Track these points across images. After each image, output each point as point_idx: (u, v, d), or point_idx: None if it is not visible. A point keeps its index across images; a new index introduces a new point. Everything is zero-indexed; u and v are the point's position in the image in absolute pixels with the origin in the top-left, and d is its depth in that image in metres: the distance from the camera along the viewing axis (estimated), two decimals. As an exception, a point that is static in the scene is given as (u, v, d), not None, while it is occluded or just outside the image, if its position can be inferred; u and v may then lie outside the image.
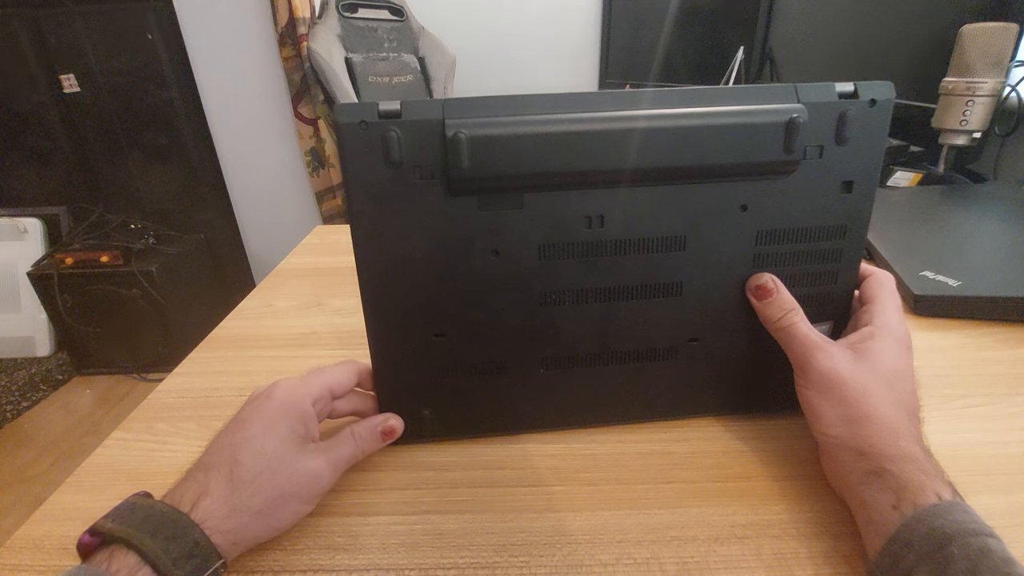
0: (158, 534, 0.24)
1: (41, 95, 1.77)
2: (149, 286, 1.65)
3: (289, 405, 0.30)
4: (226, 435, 0.29)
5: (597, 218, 0.30)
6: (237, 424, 0.29)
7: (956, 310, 0.47)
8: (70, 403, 1.71)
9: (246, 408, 0.30)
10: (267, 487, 0.27)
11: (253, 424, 0.29)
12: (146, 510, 0.25)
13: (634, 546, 0.28)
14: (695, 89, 0.29)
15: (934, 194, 0.72)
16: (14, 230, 1.83)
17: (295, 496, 0.28)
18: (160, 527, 0.24)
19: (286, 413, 0.29)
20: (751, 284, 0.33)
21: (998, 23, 0.69)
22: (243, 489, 0.26)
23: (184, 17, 1.78)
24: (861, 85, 0.30)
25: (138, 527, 0.24)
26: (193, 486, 0.26)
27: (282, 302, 0.57)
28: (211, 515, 0.25)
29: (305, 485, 0.29)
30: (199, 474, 0.27)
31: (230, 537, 0.26)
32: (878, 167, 0.31)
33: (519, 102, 0.28)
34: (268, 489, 0.27)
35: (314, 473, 0.29)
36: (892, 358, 0.30)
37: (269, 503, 0.27)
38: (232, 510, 0.26)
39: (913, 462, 0.26)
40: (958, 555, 0.22)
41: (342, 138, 0.28)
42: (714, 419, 0.37)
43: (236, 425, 0.29)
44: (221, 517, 0.25)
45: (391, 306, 0.32)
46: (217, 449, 0.28)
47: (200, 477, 0.26)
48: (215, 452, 0.28)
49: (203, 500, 0.25)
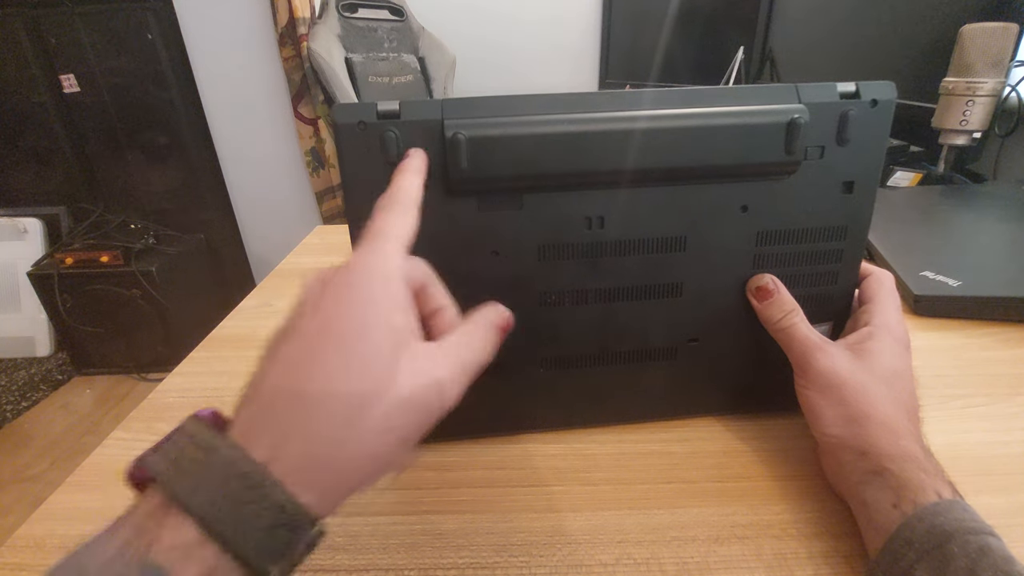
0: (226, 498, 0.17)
1: (41, 95, 1.77)
2: (149, 286, 1.65)
3: (378, 290, 0.21)
4: (297, 344, 0.20)
5: (597, 219, 0.30)
6: (316, 329, 0.20)
7: (956, 310, 0.47)
8: (70, 403, 1.71)
9: (320, 300, 0.21)
10: (369, 422, 0.19)
11: (335, 332, 0.20)
12: (215, 467, 0.18)
13: (634, 546, 0.28)
14: (695, 89, 0.29)
15: (934, 194, 0.72)
16: (14, 230, 1.83)
17: (402, 429, 0.20)
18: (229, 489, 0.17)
19: (383, 305, 0.21)
20: (751, 285, 0.33)
21: (998, 23, 0.69)
22: (332, 427, 0.19)
23: (184, 17, 1.78)
24: (863, 85, 0.30)
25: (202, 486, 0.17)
26: (267, 426, 0.19)
27: (282, 302, 0.57)
28: (294, 471, 0.18)
29: (415, 413, 0.20)
30: (275, 404, 0.19)
31: (322, 495, 0.19)
32: (879, 167, 0.31)
33: (518, 102, 0.28)
34: (370, 424, 0.19)
35: (427, 391, 0.20)
36: (891, 358, 0.30)
37: (369, 443, 0.19)
38: (321, 457, 0.19)
39: (913, 461, 0.26)
40: (958, 553, 0.22)
41: (340, 138, 0.28)
42: (714, 419, 0.37)
43: (310, 329, 0.20)
44: (309, 469, 0.18)
45: (391, 306, 0.32)
46: (287, 368, 0.19)
47: (273, 409, 0.19)
48: (286, 373, 0.19)
49: (284, 451, 0.18)
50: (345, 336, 0.20)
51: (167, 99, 1.79)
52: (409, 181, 0.26)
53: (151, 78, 1.76)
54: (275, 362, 0.20)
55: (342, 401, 0.19)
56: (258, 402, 0.19)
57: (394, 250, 0.22)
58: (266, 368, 0.20)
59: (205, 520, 0.17)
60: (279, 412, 0.19)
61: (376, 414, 0.19)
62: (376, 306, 0.20)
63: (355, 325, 0.20)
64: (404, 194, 0.25)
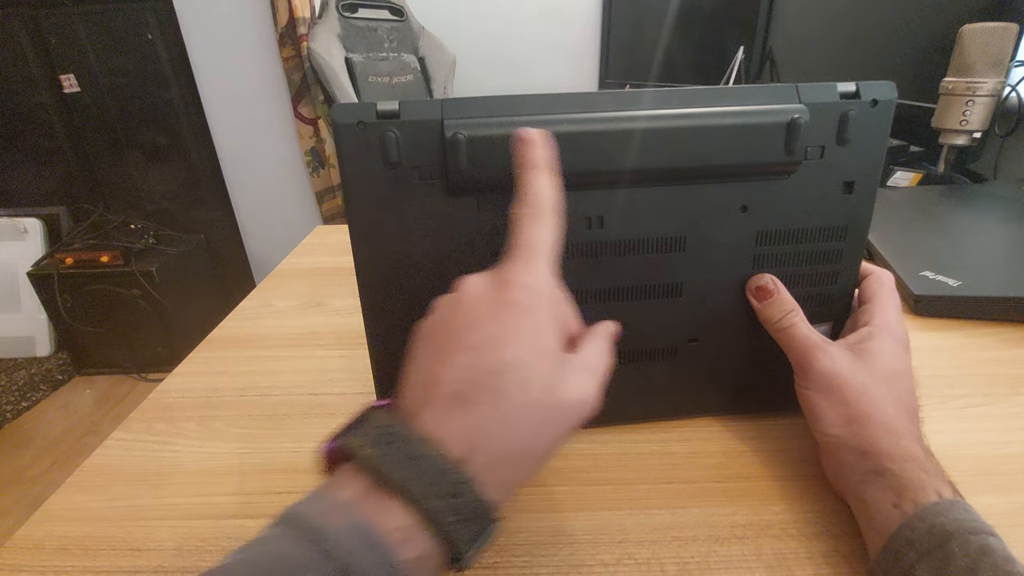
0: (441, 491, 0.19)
1: (41, 95, 1.77)
2: (149, 286, 1.65)
3: (541, 305, 0.23)
4: (474, 354, 0.22)
5: (597, 219, 0.30)
6: (486, 338, 0.22)
7: (956, 310, 0.47)
8: (70, 403, 1.71)
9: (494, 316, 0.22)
10: (543, 428, 0.22)
11: (513, 341, 0.22)
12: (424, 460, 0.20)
13: (635, 546, 0.28)
14: (695, 89, 0.29)
15: (934, 194, 0.72)
16: (14, 230, 1.83)
17: (563, 434, 0.23)
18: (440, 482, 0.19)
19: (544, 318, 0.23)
20: (751, 285, 0.33)
21: (998, 23, 0.68)
22: (516, 432, 0.21)
23: (184, 17, 1.78)
24: (863, 85, 0.30)
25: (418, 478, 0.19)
26: (463, 424, 0.21)
27: (282, 302, 0.57)
28: (486, 468, 0.20)
29: (574, 419, 0.23)
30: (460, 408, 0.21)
31: (501, 491, 0.21)
32: (879, 167, 0.31)
33: (518, 102, 0.28)
34: (545, 430, 0.22)
35: (584, 400, 0.23)
36: (891, 358, 0.30)
37: (539, 446, 0.22)
38: (506, 460, 0.21)
39: (914, 461, 0.26)
40: (958, 552, 0.22)
41: (340, 139, 0.28)
42: (714, 419, 0.37)
43: (485, 341, 0.22)
44: (495, 470, 0.21)
45: (390, 307, 0.32)
46: (470, 375, 0.21)
47: (465, 412, 0.21)
48: (468, 380, 0.21)
49: (479, 449, 0.20)
50: (520, 358, 0.22)
51: (167, 99, 1.80)
52: (543, 183, 0.25)
53: (151, 78, 1.77)
54: (450, 368, 0.22)
55: (531, 413, 0.21)
56: (441, 404, 0.21)
57: (551, 269, 0.24)
58: (438, 372, 0.22)
59: (424, 509, 0.19)
60: (470, 417, 0.21)
61: (553, 425, 0.22)
62: (549, 332, 0.23)
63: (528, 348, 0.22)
64: (544, 201, 0.25)
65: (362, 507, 0.19)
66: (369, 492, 0.19)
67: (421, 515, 0.19)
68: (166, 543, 0.29)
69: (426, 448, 0.20)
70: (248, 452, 0.36)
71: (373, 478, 0.19)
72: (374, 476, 0.19)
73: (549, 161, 0.26)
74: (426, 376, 0.22)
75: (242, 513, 0.31)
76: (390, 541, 0.18)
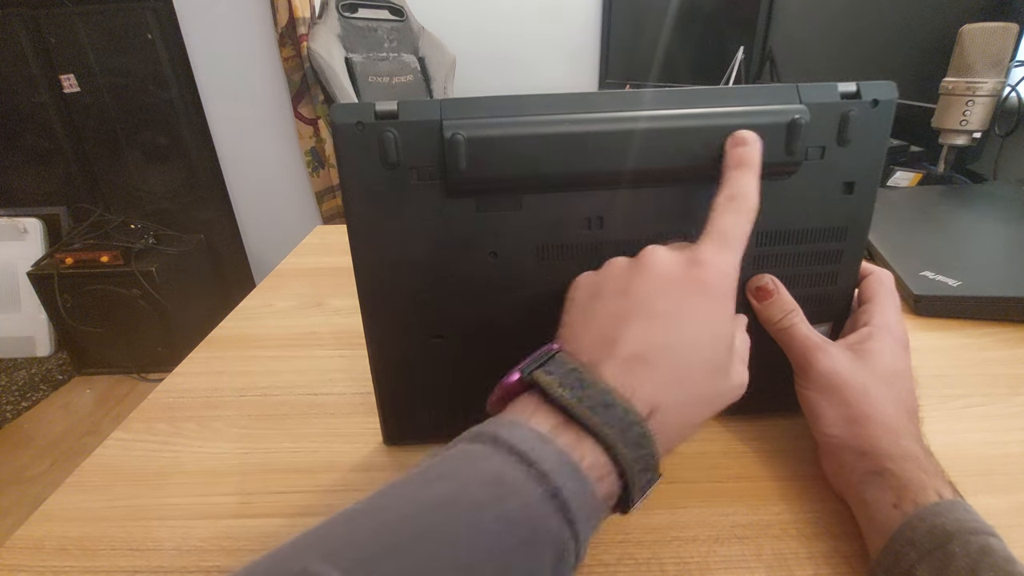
0: (628, 440, 0.21)
1: (41, 95, 1.77)
2: (149, 286, 1.65)
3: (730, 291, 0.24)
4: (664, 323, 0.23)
5: (597, 219, 0.30)
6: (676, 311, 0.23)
7: (956, 310, 0.47)
8: (70, 403, 1.71)
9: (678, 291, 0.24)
10: (707, 406, 0.24)
11: (702, 320, 0.24)
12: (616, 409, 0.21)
13: (635, 546, 0.28)
14: (695, 89, 0.29)
15: (934, 194, 0.72)
16: (14, 230, 1.83)
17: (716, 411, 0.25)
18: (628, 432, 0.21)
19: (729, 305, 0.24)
20: (751, 285, 0.33)
21: (998, 23, 0.68)
22: (688, 404, 0.23)
23: (184, 17, 1.78)
24: (863, 85, 0.29)
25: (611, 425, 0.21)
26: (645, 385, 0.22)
27: (282, 302, 0.57)
28: (659, 430, 0.22)
29: (729, 400, 0.25)
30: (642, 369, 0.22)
31: (664, 453, 0.23)
32: (880, 168, 0.31)
33: (518, 103, 0.28)
34: (708, 408, 0.24)
35: (741, 385, 0.26)
36: (891, 358, 0.30)
37: (698, 419, 0.24)
38: (674, 428, 0.23)
39: (914, 461, 0.26)
40: (959, 553, 0.22)
41: (338, 139, 0.28)
42: (715, 419, 0.37)
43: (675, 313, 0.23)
44: (665, 434, 0.22)
45: (389, 308, 0.32)
46: (657, 342, 0.23)
47: (648, 374, 0.22)
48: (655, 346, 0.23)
49: (658, 412, 0.22)
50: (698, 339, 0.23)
51: (167, 99, 1.80)
52: (751, 183, 0.26)
53: (151, 78, 1.77)
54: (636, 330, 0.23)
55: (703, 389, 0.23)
56: (624, 363, 0.22)
57: (738, 261, 0.25)
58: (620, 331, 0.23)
59: (617, 454, 0.21)
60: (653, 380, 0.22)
61: (714, 403, 0.24)
62: (729, 318, 0.25)
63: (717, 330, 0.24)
64: (748, 199, 0.26)
65: (561, 440, 0.20)
66: (563, 428, 0.21)
67: (612, 459, 0.21)
68: (166, 543, 0.29)
69: (616, 398, 0.21)
70: (248, 452, 0.36)
71: (565, 416, 0.21)
72: (568, 415, 0.21)
73: (759, 163, 0.27)
74: (605, 332, 0.23)
75: (242, 513, 0.31)
76: (590, 476, 0.20)
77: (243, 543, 0.29)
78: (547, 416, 0.21)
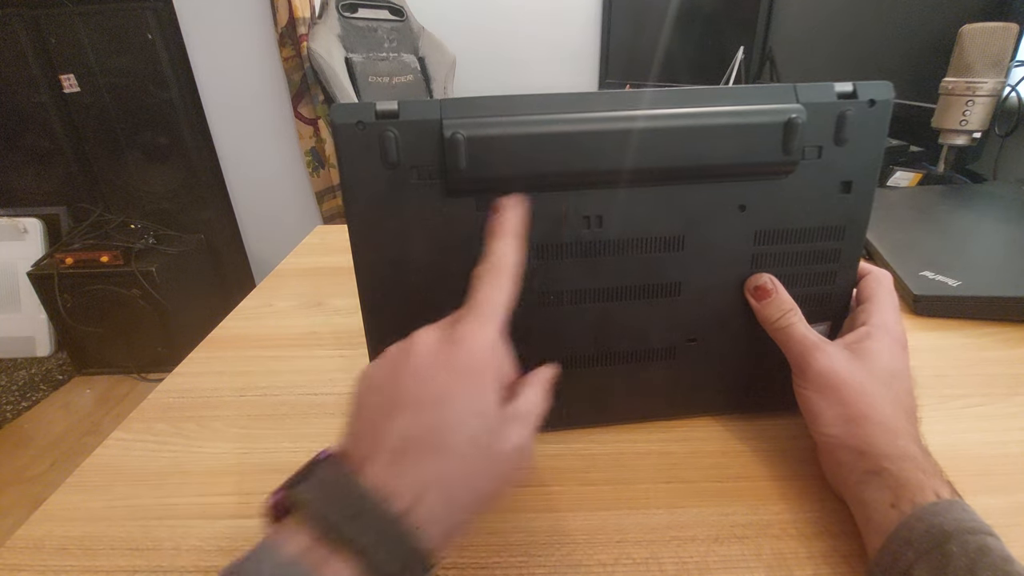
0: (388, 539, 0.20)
1: (41, 95, 1.77)
2: (149, 286, 1.65)
3: (488, 364, 0.24)
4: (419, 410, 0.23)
5: (596, 218, 0.30)
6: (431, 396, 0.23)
7: (956, 310, 0.47)
8: (70, 403, 1.71)
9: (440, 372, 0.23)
10: (484, 480, 0.23)
11: (457, 400, 0.23)
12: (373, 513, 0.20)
13: (633, 546, 0.28)
14: (693, 89, 0.29)
15: (934, 194, 0.72)
16: (14, 230, 1.83)
17: (507, 484, 0.24)
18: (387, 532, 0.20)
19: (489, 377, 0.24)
20: (750, 284, 0.33)
21: (998, 23, 0.68)
22: (458, 485, 0.22)
23: (184, 17, 1.78)
24: (860, 85, 0.30)
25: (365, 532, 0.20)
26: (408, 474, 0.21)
27: (282, 302, 0.57)
28: (428, 520, 0.21)
29: (515, 468, 0.24)
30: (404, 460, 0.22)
31: (442, 540, 0.22)
32: (877, 167, 0.31)
33: (517, 102, 0.28)
34: (485, 482, 0.23)
35: (522, 448, 0.24)
36: (889, 358, 0.30)
37: (478, 496, 0.23)
38: (447, 511, 0.22)
39: (912, 461, 0.26)
40: (957, 552, 0.22)
41: (339, 139, 0.28)
42: (713, 419, 0.37)
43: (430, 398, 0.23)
44: (437, 521, 0.21)
45: (389, 307, 0.32)
46: (413, 432, 0.22)
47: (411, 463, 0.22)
48: (411, 436, 0.22)
49: (423, 501, 0.21)
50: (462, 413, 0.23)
51: (167, 99, 1.79)
52: (506, 247, 0.27)
53: (151, 78, 1.77)
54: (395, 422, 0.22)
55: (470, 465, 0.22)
56: (385, 458, 0.22)
57: (499, 329, 0.25)
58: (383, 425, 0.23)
59: (368, 565, 0.19)
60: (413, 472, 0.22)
61: (491, 475, 0.23)
62: (491, 390, 0.24)
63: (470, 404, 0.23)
64: (503, 263, 0.26)
65: (308, 561, 0.19)
66: (315, 546, 0.20)
67: (367, 567, 0.19)
68: (166, 543, 0.30)
69: (372, 501, 0.21)
70: (248, 452, 0.36)
71: (320, 531, 0.20)
72: (321, 529, 0.20)
73: (517, 227, 0.27)
74: (371, 428, 0.23)
75: (241, 513, 0.31)
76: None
77: (242, 543, 0.29)
78: (301, 534, 0.20)
